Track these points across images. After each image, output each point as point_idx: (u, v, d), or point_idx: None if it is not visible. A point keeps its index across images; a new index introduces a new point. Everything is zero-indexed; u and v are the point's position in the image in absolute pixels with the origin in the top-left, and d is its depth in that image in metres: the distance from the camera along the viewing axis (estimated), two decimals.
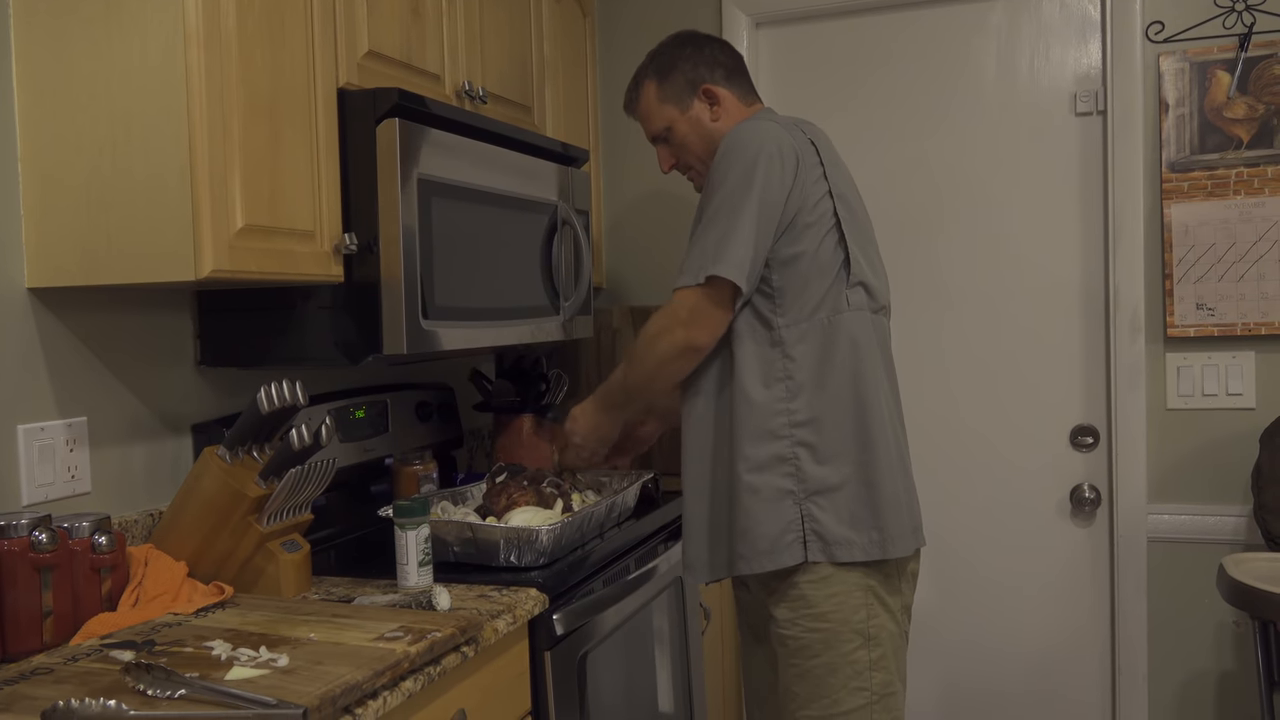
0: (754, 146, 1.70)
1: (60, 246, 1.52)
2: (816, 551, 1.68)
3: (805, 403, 1.70)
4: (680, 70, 1.90)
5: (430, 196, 1.77)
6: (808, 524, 1.69)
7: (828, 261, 1.72)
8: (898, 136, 2.70)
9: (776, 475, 1.70)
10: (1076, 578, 2.61)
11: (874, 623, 1.70)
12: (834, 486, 1.69)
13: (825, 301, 1.71)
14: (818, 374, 1.71)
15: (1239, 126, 2.39)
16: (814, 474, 1.70)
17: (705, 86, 1.88)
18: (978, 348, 2.66)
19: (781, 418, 1.71)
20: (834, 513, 1.69)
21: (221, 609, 1.51)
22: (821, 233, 1.71)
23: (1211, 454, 2.45)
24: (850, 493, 1.70)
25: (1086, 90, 2.55)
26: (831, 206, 1.73)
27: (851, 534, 1.69)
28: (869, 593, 1.70)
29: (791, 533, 1.69)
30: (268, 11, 1.57)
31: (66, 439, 1.62)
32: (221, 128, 1.47)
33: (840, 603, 1.68)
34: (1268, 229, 2.37)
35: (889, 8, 2.70)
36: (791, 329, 1.71)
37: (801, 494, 1.69)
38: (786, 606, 1.72)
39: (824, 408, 1.70)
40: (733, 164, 1.70)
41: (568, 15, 2.66)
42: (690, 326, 1.69)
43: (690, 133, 1.90)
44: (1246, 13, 2.38)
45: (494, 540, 1.77)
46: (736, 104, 1.90)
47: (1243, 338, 2.41)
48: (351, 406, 2.12)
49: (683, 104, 1.90)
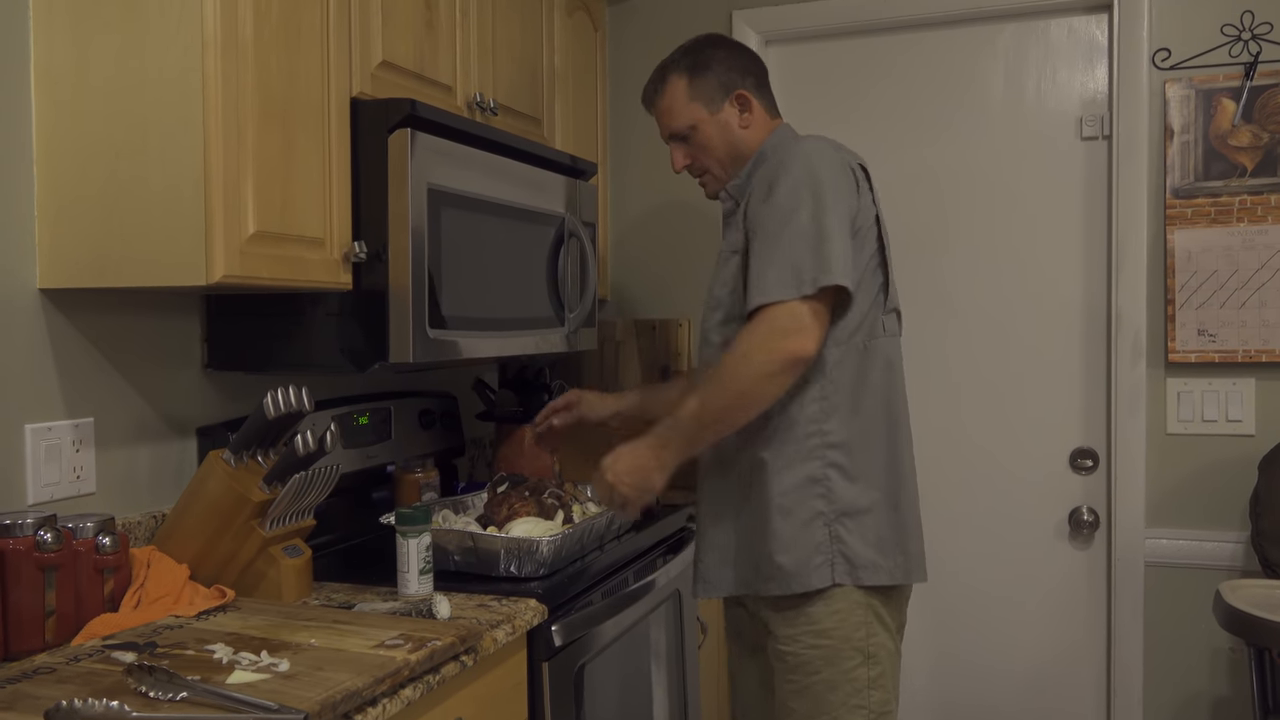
0: (823, 161, 1.67)
1: (73, 249, 1.53)
2: (843, 574, 1.68)
3: (839, 424, 1.70)
4: (714, 71, 1.84)
5: (439, 207, 1.78)
6: (836, 546, 1.68)
7: (869, 285, 1.71)
8: (905, 156, 2.72)
9: (809, 496, 1.69)
10: (1074, 599, 2.61)
11: (874, 641, 1.70)
12: (863, 509, 1.69)
13: (864, 325, 1.71)
14: (853, 396, 1.70)
15: (1243, 154, 2.40)
16: (844, 496, 1.69)
17: (740, 92, 1.84)
18: (980, 368, 2.67)
19: (815, 439, 1.69)
20: (861, 536, 1.69)
21: (223, 612, 1.52)
22: (867, 255, 1.71)
23: (1210, 479, 2.46)
24: (879, 516, 1.70)
25: (1092, 115, 2.56)
26: (877, 230, 1.73)
27: (878, 558, 1.69)
28: (869, 611, 1.70)
29: (820, 555, 1.68)
30: (284, 21, 1.58)
31: (73, 439, 1.63)
32: (236, 135, 1.49)
33: (842, 620, 1.69)
34: (1270, 257, 2.38)
35: (898, 28, 2.72)
36: (831, 349, 1.69)
37: (831, 515, 1.69)
38: (787, 622, 1.72)
39: (857, 431, 1.70)
40: (805, 177, 1.65)
41: (579, 28, 2.68)
42: (796, 336, 1.58)
43: (716, 136, 1.85)
44: (1253, 42, 2.39)
45: (494, 550, 1.78)
46: (764, 115, 1.87)
47: (1243, 364, 2.42)
48: (355, 413, 2.13)
49: (713, 105, 1.84)
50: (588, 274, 2.29)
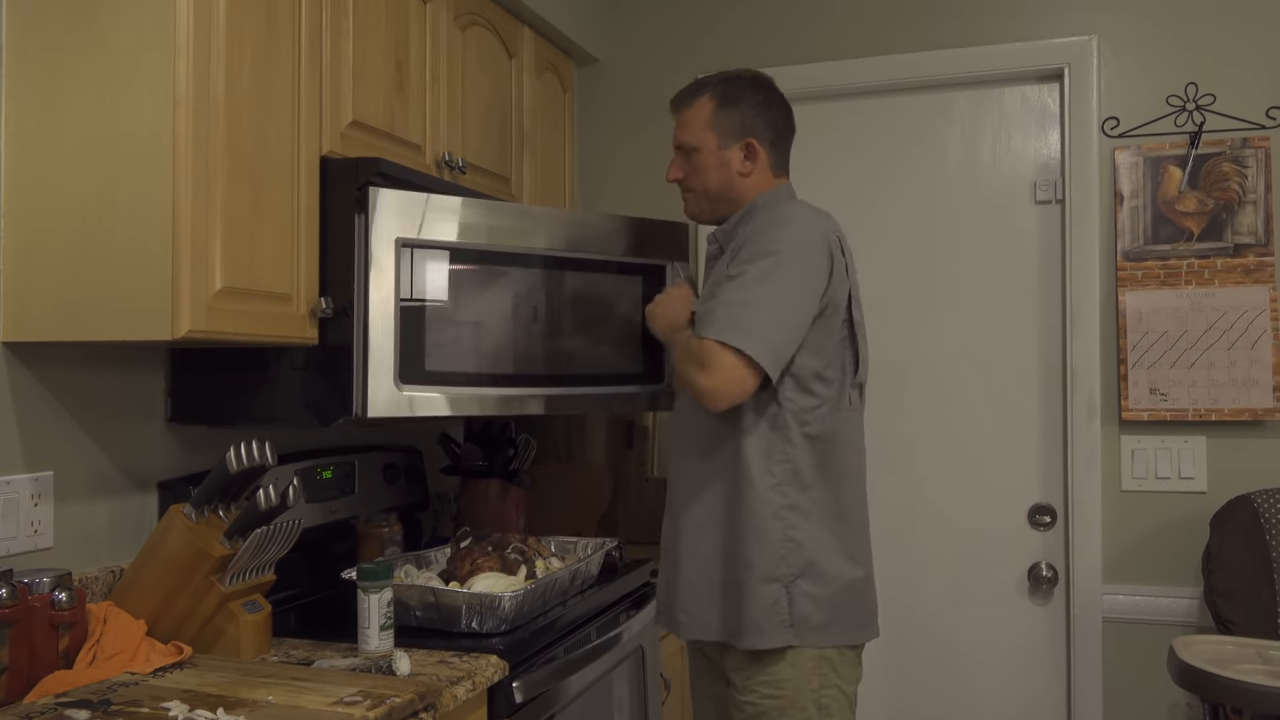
0: (801, 233, 1.73)
1: (37, 302, 1.54)
2: (796, 637, 1.71)
3: (798, 490, 1.74)
4: (740, 111, 1.86)
5: (407, 264, 1.80)
6: (793, 607, 1.72)
7: (838, 359, 1.77)
8: (862, 219, 2.78)
9: (773, 557, 1.73)
10: (1034, 655, 2.63)
11: (827, 692, 1.73)
12: (822, 574, 1.73)
13: (830, 397, 1.76)
14: (816, 466, 1.75)
15: (1190, 219, 2.48)
16: (804, 560, 1.73)
17: (751, 140, 1.85)
18: (939, 425, 2.72)
19: (779, 499, 1.73)
20: (816, 600, 1.72)
21: (179, 669, 1.51)
22: (836, 330, 1.76)
23: (1165, 536, 2.50)
24: (835, 581, 1.74)
25: (1046, 179, 2.64)
26: (848, 305, 1.78)
27: (831, 620, 1.73)
28: (825, 663, 1.73)
29: (778, 615, 1.72)
30: (256, 81, 1.61)
31: (31, 493, 1.61)
32: (205, 192, 1.51)
33: (797, 671, 1.71)
34: (1217, 319, 2.45)
35: (855, 94, 2.80)
36: (797, 416, 1.74)
37: (789, 577, 1.72)
38: (743, 673, 1.75)
39: (818, 498, 1.75)
40: (781, 246, 1.71)
41: (548, 90, 2.74)
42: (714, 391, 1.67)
43: (713, 168, 1.87)
44: (1197, 112, 2.49)
45: (456, 605, 1.78)
46: (767, 170, 1.89)
47: (1194, 423, 2.48)
48: (319, 467, 2.13)
49: (724, 140, 1.86)
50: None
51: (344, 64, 1.84)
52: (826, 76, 2.78)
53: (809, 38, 2.82)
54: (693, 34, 2.92)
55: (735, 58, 2.84)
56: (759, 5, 2.87)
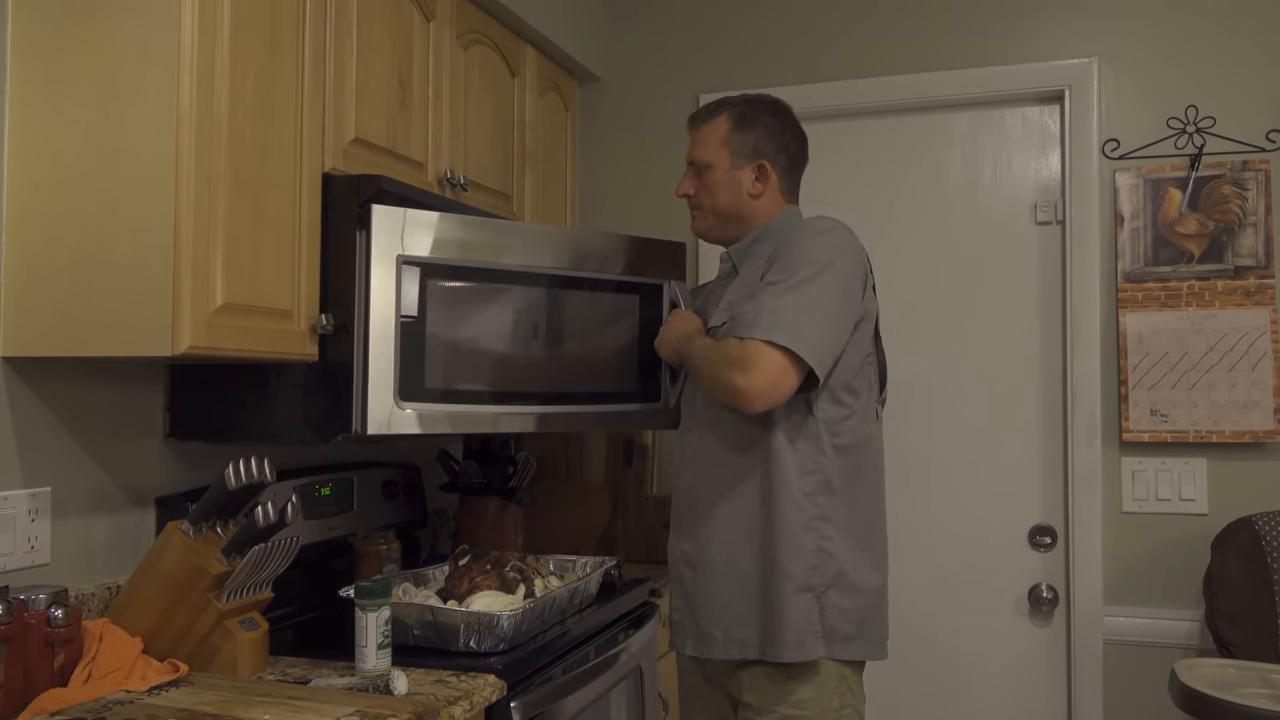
0: (844, 248, 1.76)
1: (38, 317, 1.53)
2: (825, 646, 1.72)
3: (829, 500, 1.75)
4: (755, 132, 1.88)
5: (408, 281, 1.80)
6: (824, 617, 1.72)
7: (865, 372, 1.80)
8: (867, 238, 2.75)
9: (807, 567, 1.73)
10: (1035, 677, 2.62)
11: (845, 712, 1.74)
12: (851, 585, 1.74)
13: (859, 409, 1.79)
14: (847, 476, 1.76)
15: (1190, 241, 2.49)
16: (834, 570, 1.73)
17: (763, 162, 1.88)
18: (940, 445, 2.71)
19: (811, 509, 1.74)
20: (846, 611, 1.73)
21: (175, 687, 1.50)
22: (866, 343, 1.80)
23: (1165, 558, 2.49)
24: (864, 593, 1.75)
25: (1046, 200, 2.65)
26: (875, 322, 1.82)
27: (856, 633, 1.74)
28: (844, 682, 1.74)
29: (812, 626, 1.72)
30: (259, 98, 1.62)
31: (29, 509, 1.61)
32: (207, 208, 1.51)
33: (819, 691, 1.72)
34: (1218, 340, 2.45)
35: (857, 114, 2.81)
36: (829, 426, 1.75)
37: (821, 587, 1.73)
38: (761, 693, 1.74)
39: (851, 510, 1.76)
40: (826, 255, 1.73)
41: (550, 108, 2.75)
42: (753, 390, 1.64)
43: (723, 187, 1.89)
44: (1197, 134, 2.50)
45: (454, 624, 1.77)
46: (778, 194, 1.91)
47: (1195, 444, 2.47)
48: (317, 483, 2.12)
49: (736, 160, 1.88)
50: None
51: (347, 81, 1.84)
52: (828, 97, 2.79)
53: (811, 58, 2.83)
54: (695, 53, 2.93)
55: (737, 77, 2.85)
56: (761, 25, 2.88)
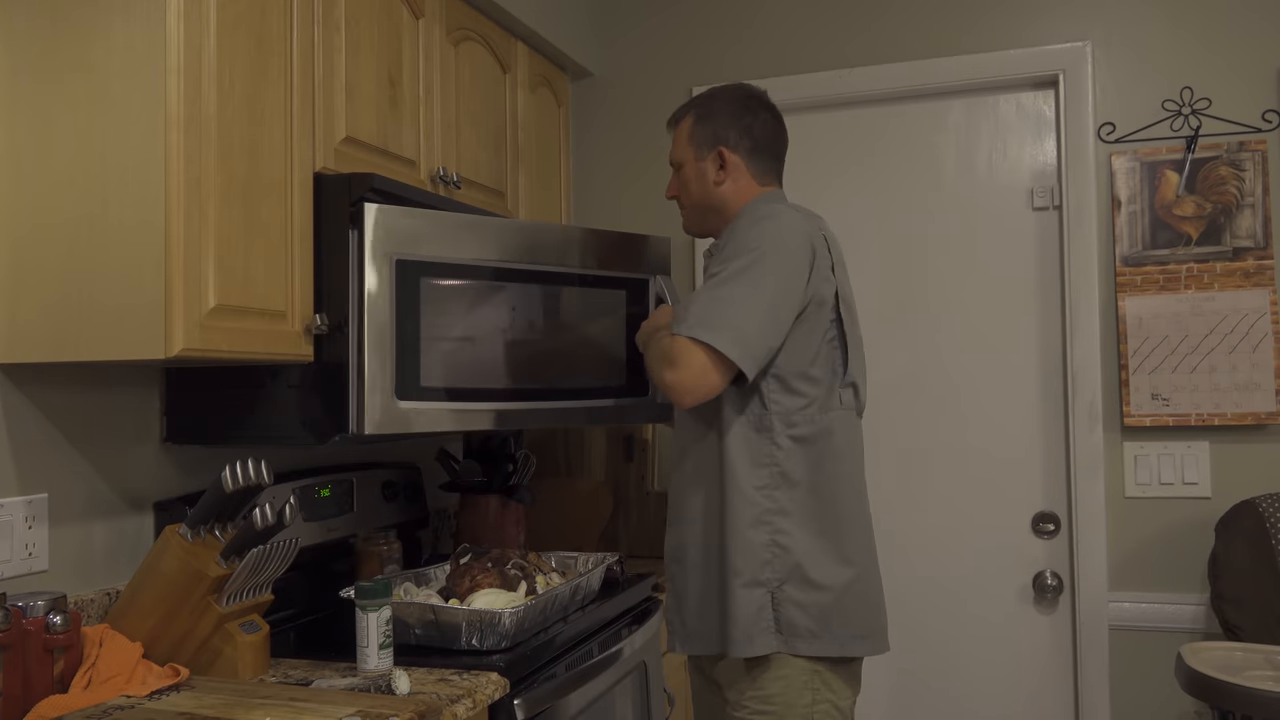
0: (782, 231, 1.72)
1: (30, 322, 1.53)
2: (782, 642, 1.70)
3: (788, 494, 1.72)
4: (713, 123, 1.88)
5: (403, 279, 1.80)
6: (778, 613, 1.70)
7: (826, 357, 1.75)
8: (860, 228, 2.77)
9: (757, 562, 1.71)
10: (1040, 664, 2.61)
11: (819, 708, 1.70)
12: (809, 580, 1.71)
13: (818, 397, 1.74)
14: (802, 467, 1.73)
15: (1188, 224, 2.48)
16: (789, 564, 1.71)
17: (721, 149, 1.87)
18: (940, 435, 2.70)
19: (765, 503, 1.72)
20: (804, 606, 1.70)
21: (176, 691, 1.49)
22: (823, 328, 1.74)
23: (1169, 542, 2.49)
24: (825, 589, 1.71)
25: (1043, 186, 2.64)
26: (835, 304, 1.76)
27: (819, 628, 1.70)
28: (816, 677, 1.71)
29: (764, 621, 1.70)
30: (248, 98, 1.61)
31: (26, 516, 1.60)
32: (198, 210, 1.50)
33: (787, 685, 1.70)
34: (1218, 323, 2.44)
35: (851, 103, 2.79)
36: (783, 418, 1.73)
37: (774, 582, 1.71)
38: (735, 687, 1.74)
39: (809, 502, 1.73)
40: (760, 242, 1.70)
41: (542, 104, 2.74)
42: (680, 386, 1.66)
43: (693, 180, 1.90)
44: (1193, 116, 2.49)
45: (456, 623, 1.76)
46: (748, 177, 1.88)
47: (1197, 428, 2.46)
48: (317, 485, 2.11)
49: (700, 152, 1.88)
50: None
51: (336, 80, 1.83)
52: (821, 86, 2.78)
53: (803, 48, 2.82)
54: (687, 46, 2.92)
55: (730, 69, 2.85)
56: (753, 17, 2.87)
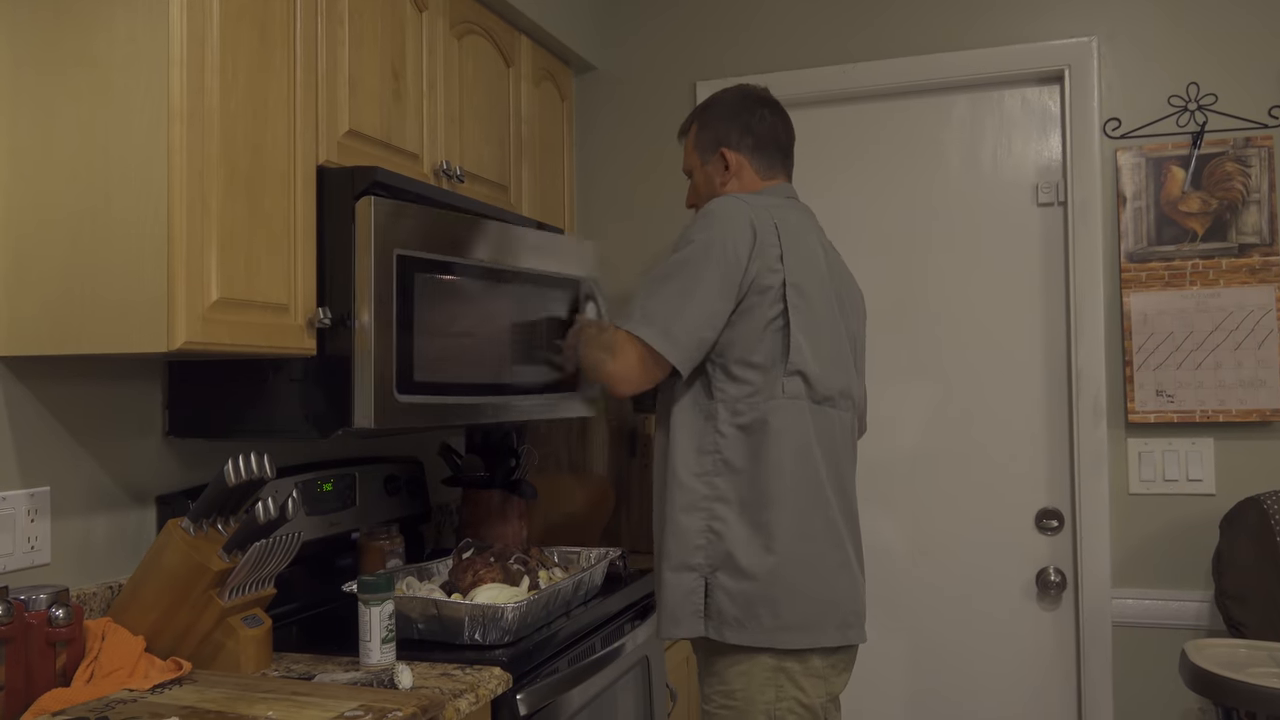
0: (720, 222, 1.73)
1: (32, 316, 1.52)
2: (712, 628, 1.72)
3: (727, 481, 1.73)
4: (714, 126, 1.92)
5: (406, 273, 1.79)
6: (709, 599, 1.72)
7: (768, 346, 1.73)
8: (865, 222, 2.76)
9: (689, 547, 1.74)
10: (1044, 661, 2.61)
11: (783, 705, 1.70)
12: (739, 568, 1.71)
13: (761, 386, 1.73)
14: (743, 455, 1.73)
15: (1193, 220, 2.47)
16: (722, 551, 1.72)
17: (723, 150, 1.90)
18: (943, 431, 2.70)
19: (703, 489, 1.74)
20: (732, 593, 1.71)
21: (179, 685, 1.49)
22: (766, 318, 1.72)
23: (1174, 539, 2.48)
24: (756, 576, 1.70)
25: (1048, 182, 2.63)
26: (781, 293, 1.73)
27: (744, 617, 1.70)
28: (779, 673, 1.70)
29: (692, 604, 1.73)
30: (251, 91, 1.60)
31: (28, 509, 1.60)
32: (200, 202, 1.49)
33: (747, 681, 1.70)
34: (1223, 319, 2.44)
35: (856, 98, 2.79)
36: (728, 405, 1.74)
37: (707, 568, 1.73)
38: (705, 682, 1.77)
39: (744, 489, 1.72)
40: (697, 234, 1.74)
41: (546, 98, 2.73)
42: (618, 376, 1.75)
43: (702, 184, 1.95)
44: (1199, 112, 2.48)
45: (458, 617, 1.76)
46: (752, 175, 1.90)
47: (1202, 424, 2.46)
48: (319, 479, 2.11)
49: (704, 156, 1.93)
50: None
51: (340, 73, 1.83)
52: (826, 81, 2.77)
53: (808, 43, 2.81)
54: (691, 40, 2.91)
55: (733, 63, 2.84)
56: (757, 11, 2.86)
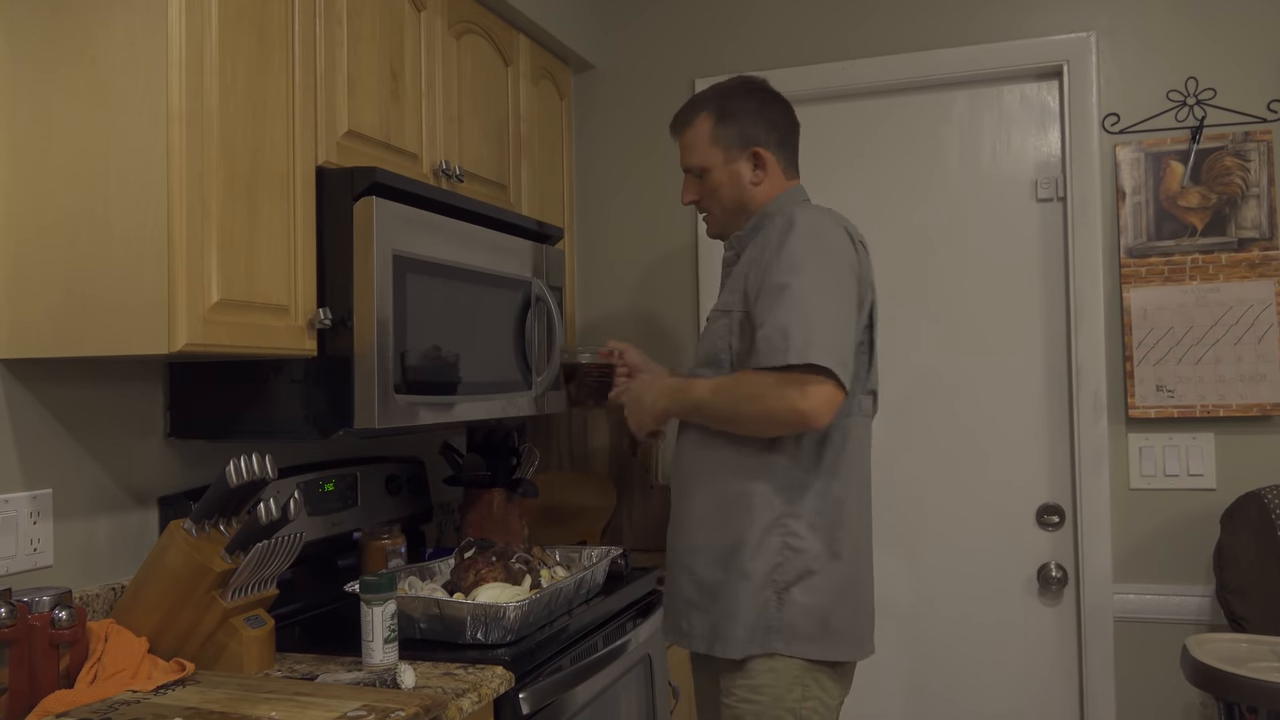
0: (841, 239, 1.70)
1: (33, 318, 1.52)
2: (783, 644, 1.69)
3: (804, 499, 1.71)
4: (740, 121, 1.82)
5: (405, 273, 1.79)
6: (784, 615, 1.69)
7: (857, 363, 1.72)
8: (864, 220, 2.76)
9: (765, 564, 1.70)
10: (1046, 656, 2.61)
11: (808, 704, 1.70)
12: (814, 584, 1.70)
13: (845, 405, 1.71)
14: (820, 473, 1.72)
15: (1193, 215, 2.47)
16: (799, 568, 1.70)
17: (756, 149, 1.82)
18: (945, 427, 2.70)
19: (780, 508, 1.71)
20: (807, 609, 1.70)
21: (182, 686, 1.49)
22: (860, 335, 1.73)
23: (1175, 534, 2.48)
24: (833, 592, 1.71)
25: (1047, 177, 2.63)
26: (870, 310, 1.75)
27: (819, 631, 1.70)
28: (808, 674, 1.70)
29: (767, 622, 1.70)
30: (250, 92, 1.60)
31: (30, 511, 1.60)
32: (200, 204, 1.49)
33: (777, 678, 1.69)
34: (1223, 314, 2.44)
35: (854, 95, 2.78)
36: None
37: (783, 584, 1.70)
38: (727, 676, 1.74)
39: (823, 508, 1.72)
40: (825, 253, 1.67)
41: (544, 96, 2.73)
42: (815, 412, 1.60)
43: (725, 185, 1.84)
44: (1198, 106, 2.47)
45: (461, 617, 1.76)
46: (779, 173, 1.85)
47: (1202, 419, 2.46)
48: (321, 479, 2.11)
49: (729, 154, 1.82)
50: (555, 337, 2.31)
51: (338, 73, 1.83)
52: (823, 78, 2.77)
53: (805, 39, 2.81)
54: (688, 38, 2.91)
55: (731, 60, 2.84)
56: (754, 8, 2.86)
